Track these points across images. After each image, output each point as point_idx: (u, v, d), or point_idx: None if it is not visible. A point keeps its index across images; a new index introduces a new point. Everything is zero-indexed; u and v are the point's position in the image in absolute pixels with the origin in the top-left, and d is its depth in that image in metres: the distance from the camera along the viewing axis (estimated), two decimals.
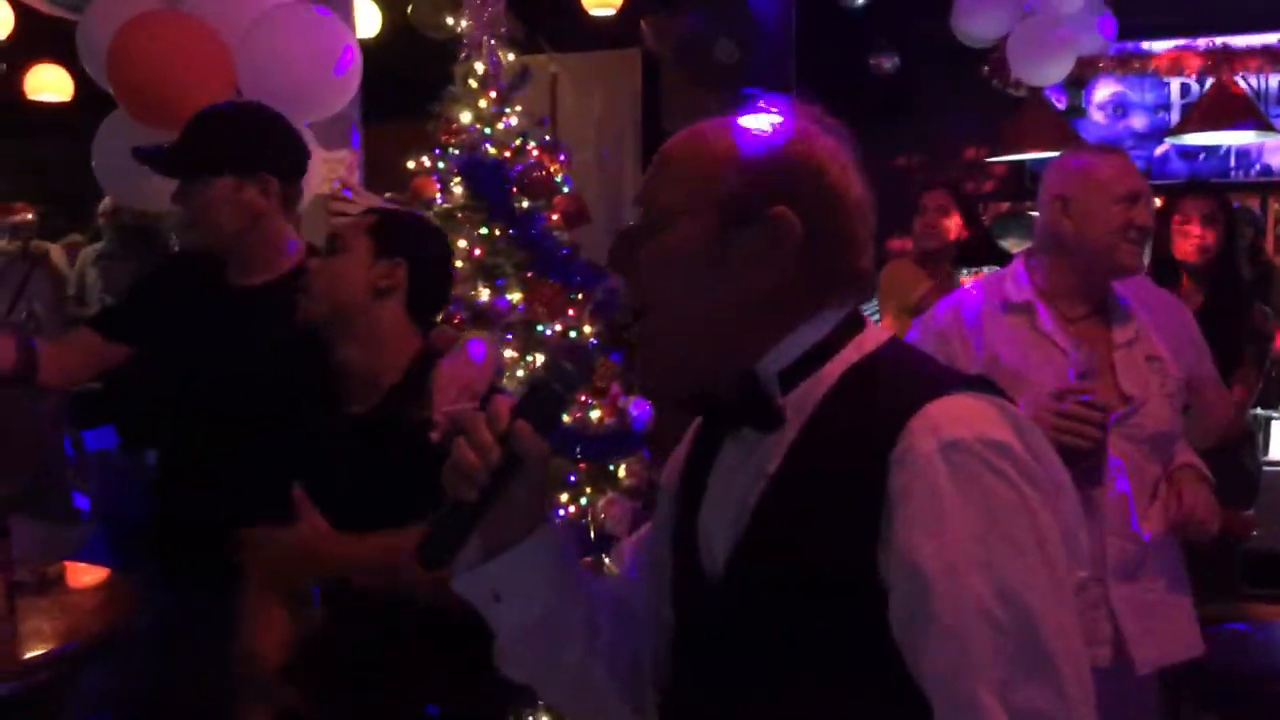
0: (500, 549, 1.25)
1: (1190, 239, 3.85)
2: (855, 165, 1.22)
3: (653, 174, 1.26)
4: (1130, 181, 2.37)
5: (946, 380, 1.16)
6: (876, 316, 4.66)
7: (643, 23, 7.71)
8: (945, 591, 1.06)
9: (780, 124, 1.22)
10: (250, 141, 2.41)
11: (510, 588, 1.27)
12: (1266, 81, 7.11)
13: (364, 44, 3.66)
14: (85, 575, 2.89)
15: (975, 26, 4.92)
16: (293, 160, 2.43)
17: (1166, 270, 3.99)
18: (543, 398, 1.24)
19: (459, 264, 2.94)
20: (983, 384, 1.17)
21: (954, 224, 4.70)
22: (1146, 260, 4.00)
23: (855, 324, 1.22)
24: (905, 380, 1.16)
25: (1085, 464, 2.10)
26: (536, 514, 1.26)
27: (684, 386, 1.29)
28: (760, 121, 1.23)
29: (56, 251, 7.14)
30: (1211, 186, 4.55)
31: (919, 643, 1.08)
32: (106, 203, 6.59)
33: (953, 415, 1.10)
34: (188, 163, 2.39)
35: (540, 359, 3.02)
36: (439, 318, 2.41)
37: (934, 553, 1.07)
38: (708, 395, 1.25)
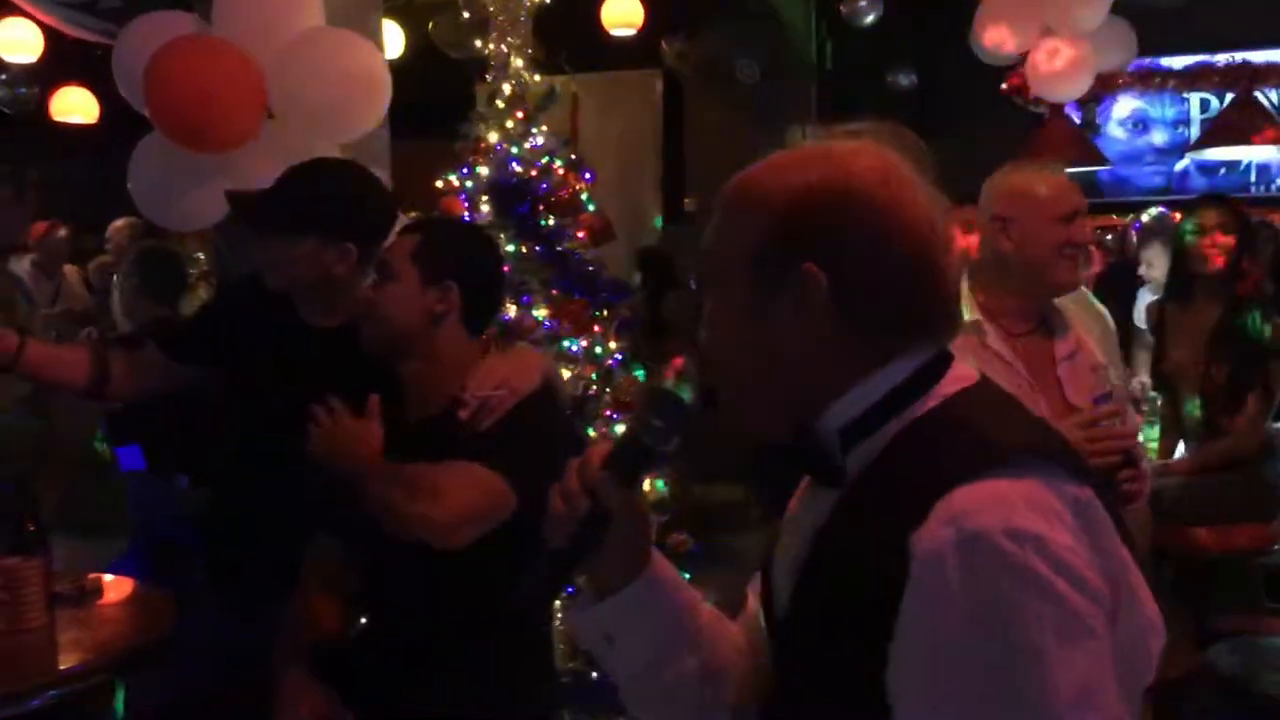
0: (608, 593, 1.26)
1: (1204, 248, 3.87)
2: (907, 199, 1.12)
3: (710, 225, 1.22)
4: (1069, 200, 2.40)
5: (993, 452, 1.04)
6: None
7: (663, 43, 7.77)
8: (938, 700, 1.00)
9: (816, 166, 1.14)
10: (338, 206, 2.41)
11: (621, 630, 1.27)
12: None
13: (394, 63, 3.73)
14: (122, 588, 2.93)
15: (994, 43, 4.94)
16: (375, 225, 2.43)
17: (1179, 282, 4.02)
18: (632, 451, 1.23)
19: None
20: (1045, 454, 1.06)
21: (975, 241, 4.71)
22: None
23: (935, 370, 1.13)
24: (956, 446, 1.07)
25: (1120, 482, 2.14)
26: (637, 560, 1.26)
27: (750, 436, 1.25)
28: (796, 163, 1.16)
29: (71, 270, 7.22)
30: (1223, 198, 4.56)
31: None
32: (117, 225, 6.65)
33: (981, 501, 1.00)
34: (275, 220, 2.41)
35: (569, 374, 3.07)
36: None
37: (932, 658, 1.00)
38: (780, 449, 1.22)
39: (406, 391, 2.25)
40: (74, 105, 7.14)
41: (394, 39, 6.14)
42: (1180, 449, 3.96)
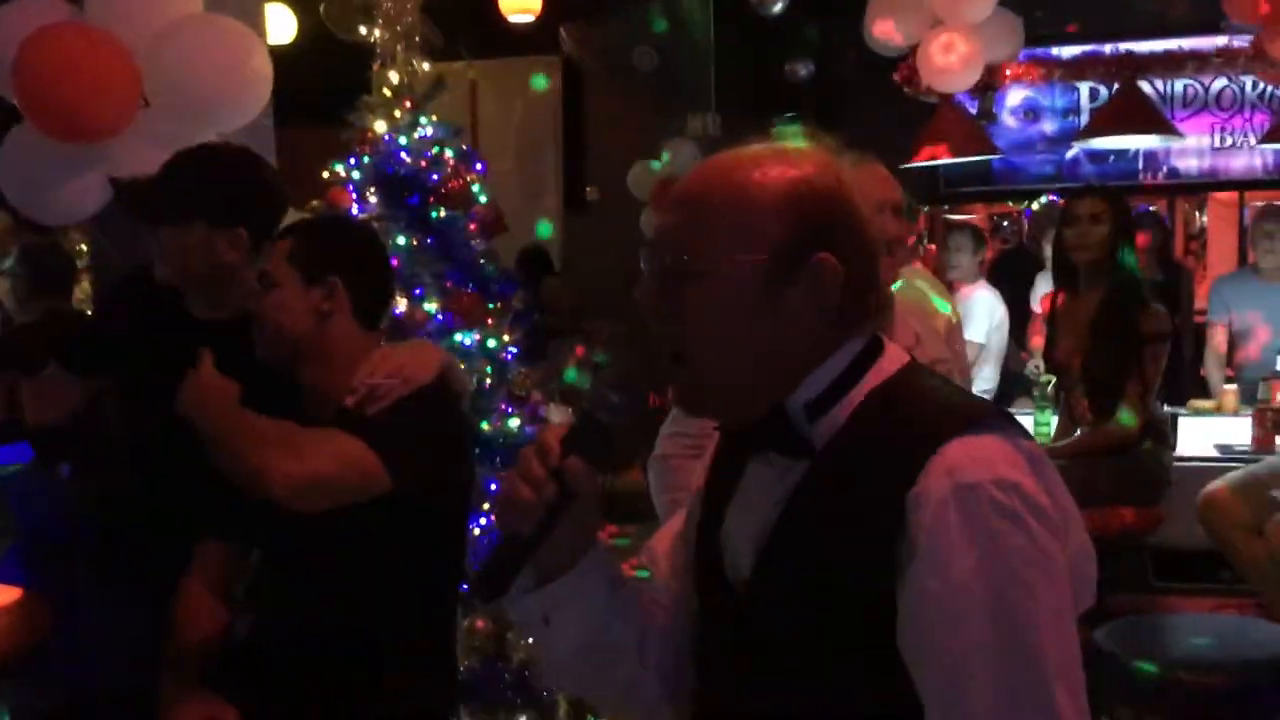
0: (551, 576, 1.29)
1: (1076, 238, 3.98)
2: (859, 200, 1.26)
3: (684, 217, 1.25)
4: (881, 190, 2.43)
5: (965, 415, 1.20)
6: None
7: (562, 30, 7.73)
8: (949, 630, 1.14)
9: (808, 161, 1.24)
10: (227, 191, 2.36)
11: (560, 612, 1.31)
12: (1171, 86, 7.32)
13: (278, 50, 3.64)
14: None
15: (886, 34, 5.00)
16: (266, 210, 2.38)
17: (1062, 272, 4.12)
18: (591, 430, 1.25)
19: None
20: (1000, 418, 1.23)
21: None
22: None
23: (875, 348, 1.27)
24: (927, 412, 1.21)
25: None
26: (587, 541, 1.31)
27: (721, 418, 1.35)
28: (784, 158, 1.24)
29: None
30: (1100, 188, 4.68)
31: (925, 675, 1.16)
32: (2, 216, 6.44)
33: (969, 457, 1.16)
34: (163, 207, 2.36)
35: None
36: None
37: (939, 591, 1.14)
38: (754, 427, 1.29)
39: (305, 395, 2.22)
40: None
41: (286, 23, 6.02)
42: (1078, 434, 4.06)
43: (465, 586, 2.40)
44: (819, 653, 1.20)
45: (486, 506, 3.06)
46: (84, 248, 5.86)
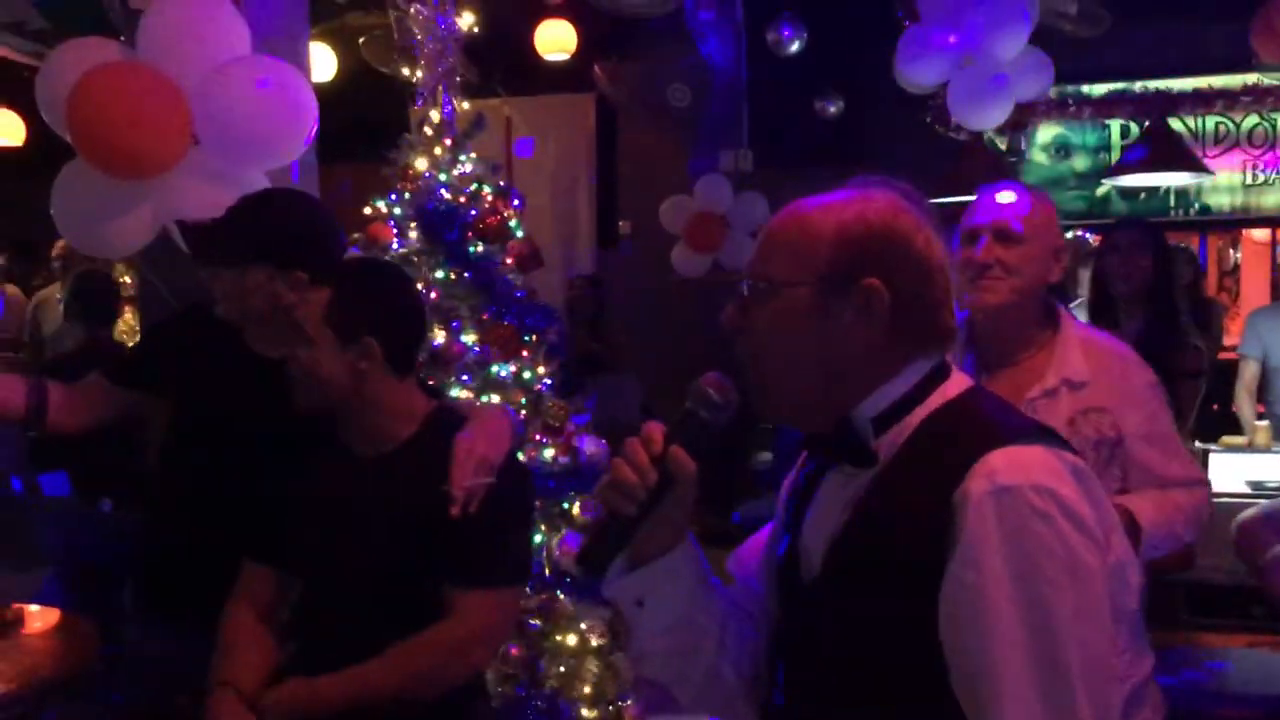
0: (647, 559, 1.42)
1: (1119, 266, 3.98)
2: (936, 235, 1.39)
3: (759, 249, 1.43)
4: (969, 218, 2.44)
5: (1012, 430, 1.32)
6: None
7: (596, 68, 7.83)
8: (979, 622, 1.24)
9: (870, 201, 1.39)
10: (288, 235, 2.43)
11: (654, 594, 1.43)
12: (1202, 123, 7.33)
13: (319, 88, 3.72)
14: (43, 618, 2.91)
15: (916, 73, 5.05)
16: (326, 253, 2.44)
17: (1101, 303, 4.12)
18: (691, 424, 1.39)
19: None
20: (1048, 434, 1.35)
21: None
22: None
23: (941, 373, 1.40)
24: (976, 428, 1.33)
25: None
26: (681, 528, 1.43)
27: (790, 424, 1.50)
28: (851, 199, 1.40)
29: (13, 291, 7.12)
30: (1140, 221, 4.68)
31: (958, 667, 1.26)
32: (60, 246, 6.59)
33: (1011, 463, 1.26)
34: (226, 250, 2.43)
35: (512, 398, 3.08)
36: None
37: (974, 586, 1.24)
38: (817, 436, 1.44)
39: (350, 429, 2.29)
40: (0, 127, 7.03)
41: (326, 61, 6.13)
42: None
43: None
44: (880, 646, 1.31)
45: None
46: (128, 279, 5.98)
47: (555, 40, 6.76)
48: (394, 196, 3.24)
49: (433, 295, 3.16)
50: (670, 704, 1.59)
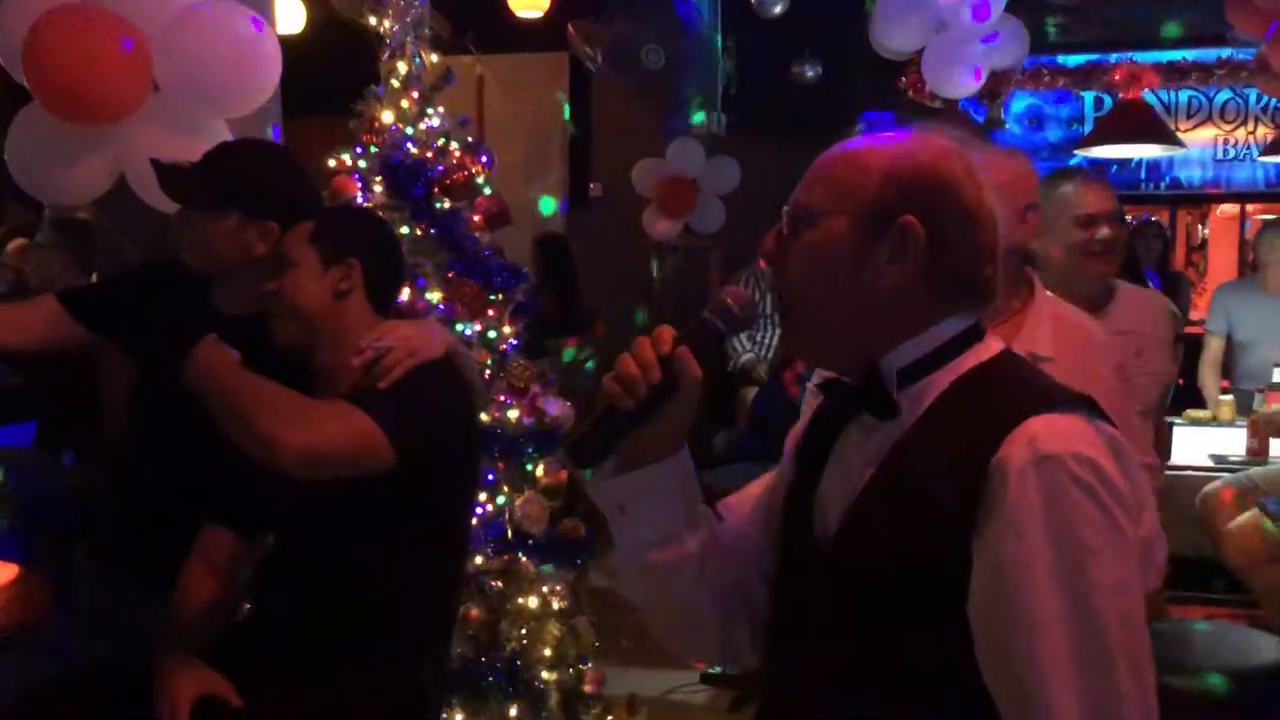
0: (636, 465, 1.39)
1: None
2: (984, 193, 1.35)
3: (804, 181, 1.39)
4: (1020, 191, 2.36)
5: (1052, 397, 1.29)
6: None
7: (570, 27, 7.74)
8: (1023, 592, 1.20)
9: (923, 142, 1.36)
10: (264, 185, 2.41)
11: (637, 503, 1.41)
12: (1175, 96, 7.34)
13: (287, 39, 3.65)
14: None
15: (892, 39, 5.01)
16: (301, 207, 2.40)
17: None
18: (705, 332, 1.37)
19: None
20: (1086, 403, 1.30)
21: None
22: None
23: (976, 333, 1.36)
24: (1015, 392, 1.30)
25: None
26: (676, 440, 1.40)
27: (819, 363, 1.49)
28: (905, 139, 1.37)
29: None
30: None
31: (995, 635, 1.23)
32: None
33: (1051, 431, 1.23)
34: (200, 193, 2.40)
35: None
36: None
37: (1015, 555, 1.21)
38: (837, 380, 1.41)
39: (316, 378, 2.26)
40: None
41: (295, 12, 6.02)
42: None
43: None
44: (895, 612, 1.28)
45: (484, 496, 3.08)
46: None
47: None
48: (359, 150, 3.18)
49: None
50: None
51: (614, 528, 1.45)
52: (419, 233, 3.13)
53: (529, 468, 3.17)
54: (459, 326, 3.10)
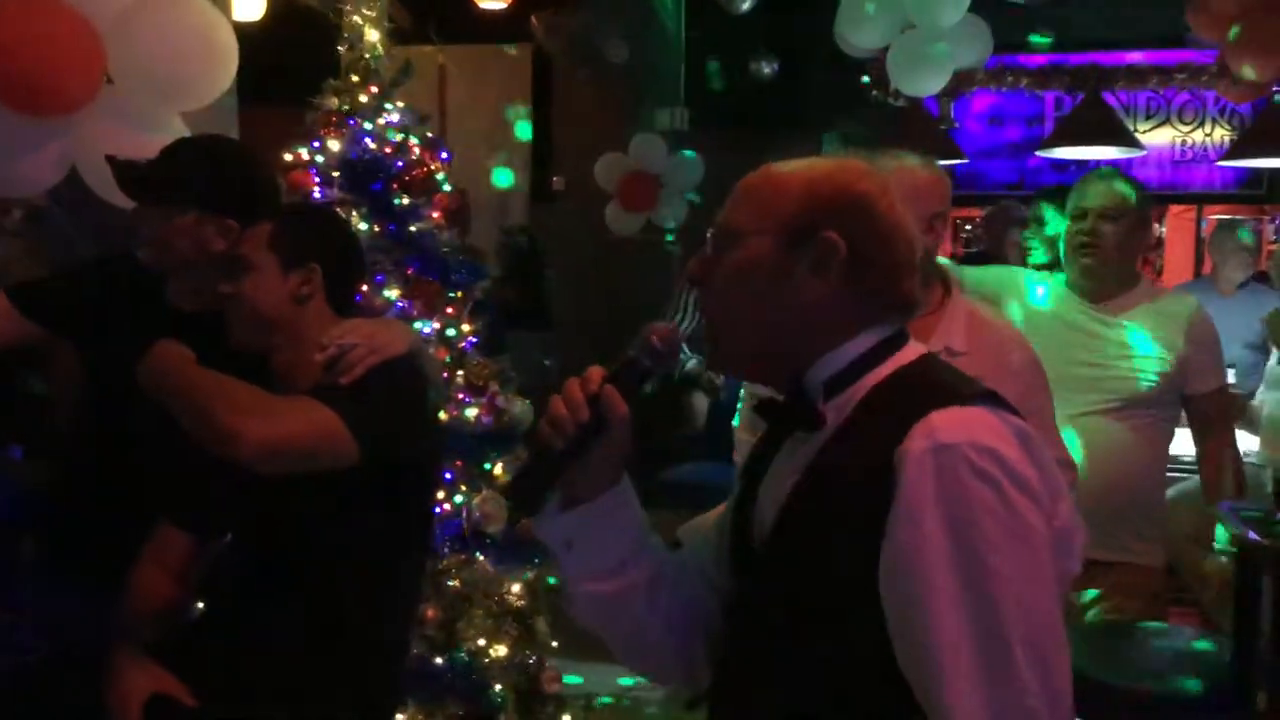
0: (577, 502, 1.43)
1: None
2: (899, 211, 1.40)
3: (729, 202, 1.45)
4: (926, 202, 2.45)
5: (957, 392, 1.32)
6: None
7: (534, 18, 7.70)
8: (919, 580, 1.22)
9: (842, 163, 1.42)
10: (222, 182, 2.38)
11: (582, 538, 1.45)
12: (1135, 98, 7.40)
13: (245, 28, 3.60)
14: None
15: (857, 36, 5.02)
16: (258, 204, 2.38)
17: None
18: (631, 369, 1.41)
19: None
20: (991, 397, 1.33)
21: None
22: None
23: (896, 342, 1.40)
24: (922, 390, 1.33)
25: None
26: (614, 474, 1.44)
27: (746, 377, 1.57)
28: (826, 161, 1.43)
29: None
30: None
31: (897, 626, 1.26)
32: None
33: (951, 422, 1.26)
34: (157, 187, 2.37)
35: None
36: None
37: (912, 543, 1.23)
38: (771, 401, 1.46)
39: (275, 378, 2.24)
40: None
41: (253, 0, 5.94)
42: None
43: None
44: (825, 609, 1.31)
45: (441, 495, 3.06)
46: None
47: None
48: (316, 144, 3.15)
49: None
50: None
51: (561, 562, 1.48)
52: (377, 229, 3.10)
53: (487, 467, 3.16)
54: (417, 324, 3.08)
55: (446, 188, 3.24)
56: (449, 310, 3.16)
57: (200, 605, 2.44)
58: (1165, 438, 3.45)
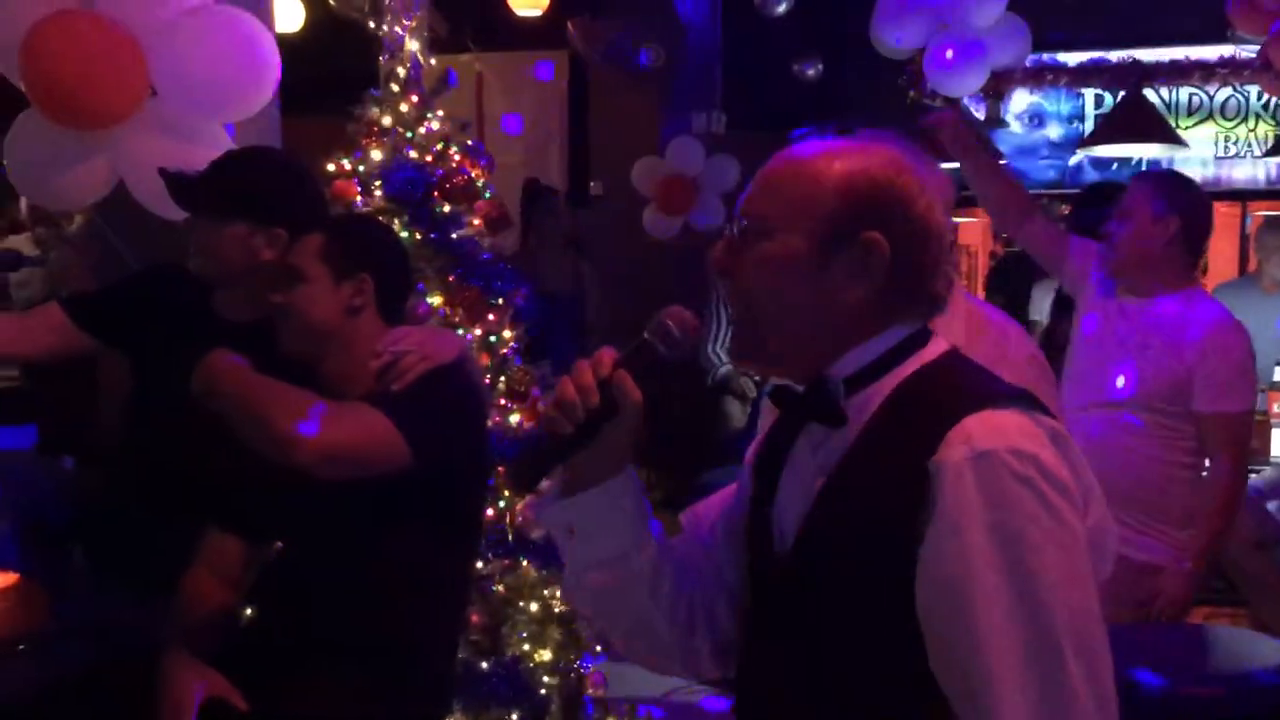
0: (582, 488, 1.39)
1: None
2: (941, 199, 1.36)
3: (754, 190, 1.40)
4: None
5: (989, 394, 1.29)
6: None
7: (570, 25, 7.72)
8: (966, 592, 1.20)
9: (872, 155, 1.36)
10: (272, 193, 2.42)
11: (585, 524, 1.41)
12: (1176, 94, 7.32)
13: (286, 39, 3.63)
14: None
15: (893, 37, 5.00)
16: (307, 215, 2.41)
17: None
18: (644, 354, 1.36)
19: None
20: (1024, 398, 1.30)
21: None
22: None
23: (921, 338, 1.37)
24: (952, 393, 1.30)
25: None
26: (620, 462, 1.40)
27: (768, 369, 1.52)
28: (853, 150, 1.37)
29: None
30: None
31: (939, 638, 1.23)
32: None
33: (987, 428, 1.24)
34: (208, 199, 2.41)
35: None
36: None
37: (957, 554, 1.21)
38: (787, 391, 1.41)
39: (322, 391, 2.24)
40: None
41: (293, 11, 6.00)
42: None
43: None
44: (856, 618, 1.29)
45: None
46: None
47: None
48: (359, 154, 3.17)
49: None
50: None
51: (563, 549, 1.46)
52: (419, 237, 3.11)
53: None
54: (459, 331, 3.09)
55: (487, 195, 3.26)
56: (490, 317, 3.17)
57: (249, 611, 2.47)
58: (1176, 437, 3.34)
